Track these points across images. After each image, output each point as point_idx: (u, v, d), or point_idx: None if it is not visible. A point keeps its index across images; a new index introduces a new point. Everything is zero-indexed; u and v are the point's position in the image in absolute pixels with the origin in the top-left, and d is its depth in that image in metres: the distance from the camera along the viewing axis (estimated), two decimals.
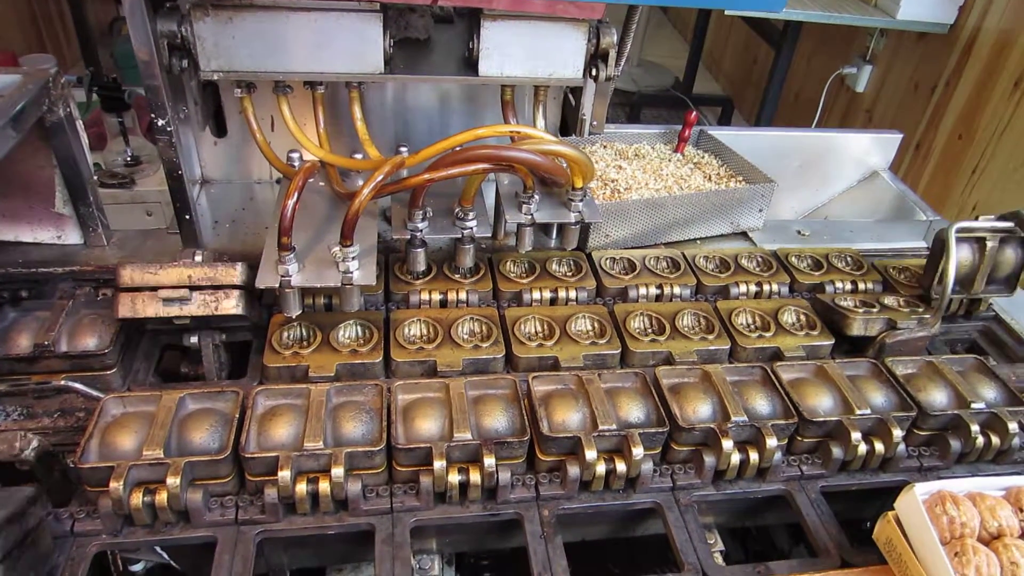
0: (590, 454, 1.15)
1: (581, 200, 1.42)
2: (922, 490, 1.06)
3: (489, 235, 1.52)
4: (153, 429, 1.11)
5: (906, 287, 1.66)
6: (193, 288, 1.23)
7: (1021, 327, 1.65)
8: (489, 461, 1.13)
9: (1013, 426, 1.28)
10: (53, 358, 1.24)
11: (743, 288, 1.60)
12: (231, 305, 1.24)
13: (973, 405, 1.31)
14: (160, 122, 1.35)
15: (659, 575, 1.14)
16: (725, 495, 1.25)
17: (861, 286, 1.66)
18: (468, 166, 1.26)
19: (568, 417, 1.22)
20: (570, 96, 1.69)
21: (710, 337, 1.45)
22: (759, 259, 1.69)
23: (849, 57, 4.26)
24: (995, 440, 1.29)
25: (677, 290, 1.57)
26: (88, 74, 2.19)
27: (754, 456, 1.22)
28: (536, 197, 1.41)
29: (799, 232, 1.91)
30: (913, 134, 3.71)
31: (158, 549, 1.19)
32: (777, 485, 1.26)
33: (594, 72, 1.45)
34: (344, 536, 1.17)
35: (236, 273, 1.24)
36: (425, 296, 1.48)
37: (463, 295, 1.49)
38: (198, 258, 1.27)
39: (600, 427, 1.18)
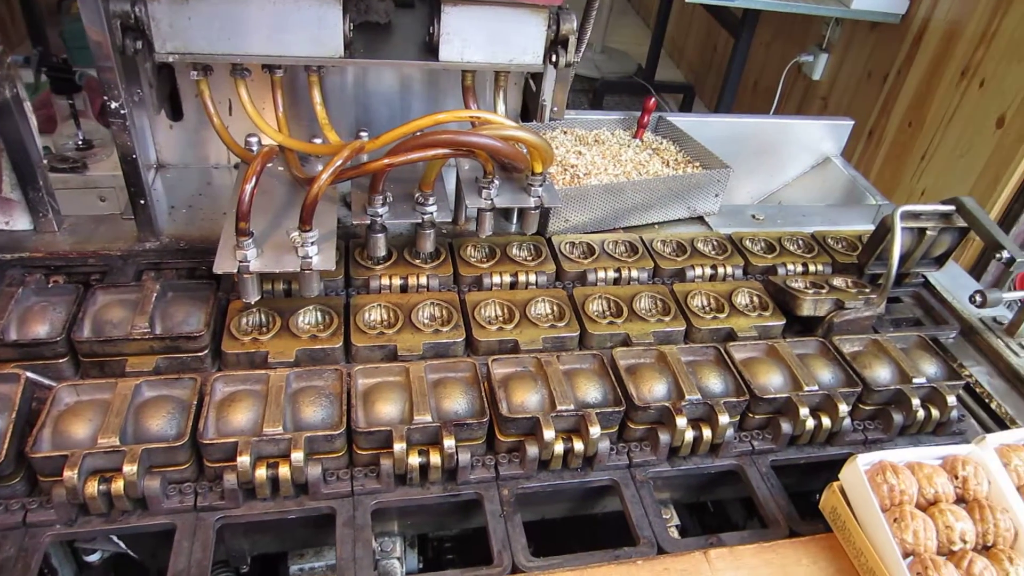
0: (548, 434, 1.17)
1: (541, 185, 1.44)
2: (864, 460, 1.11)
3: (450, 220, 1.52)
4: (108, 417, 1.10)
5: (841, 255, 1.74)
6: None
7: (949, 293, 1.75)
8: (449, 443, 1.15)
9: (951, 399, 1.35)
10: (3, 347, 1.21)
11: (699, 271, 1.64)
12: None
13: (915, 380, 1.37)
14: (113, 105, 1.32)
15: (616, 549, 1.17)
16: (679, 471, 1.28)
17: (812, 268, 1.71)
18: (428, 151, 1.27)
19: (527, 398, 1.24)
20: (531, 82, 1.70)
21: (666, 319, 1.48)
22: (715, 243, 1.73)
23: (806, 45, 4.34)
24: (935, 413, 1.36)
25: (635, 273, 1.60)
26: (36, 54, 2.12)
27: (707, 433, 1.26)
28: (496, 182, 1.42)
29: (754, 216, 1.95)
30: (866, 121, 3.80)
31: (115, 538, 1.18)
32: (729, 460, 1.30)
33: (554, 58, 1.46)
34: (305, 520, 1.17)
35: None
36: (385, 281, 1.48)
37: (423, 280, 1.49)
38: None
39: (558, 407, 1.21)
